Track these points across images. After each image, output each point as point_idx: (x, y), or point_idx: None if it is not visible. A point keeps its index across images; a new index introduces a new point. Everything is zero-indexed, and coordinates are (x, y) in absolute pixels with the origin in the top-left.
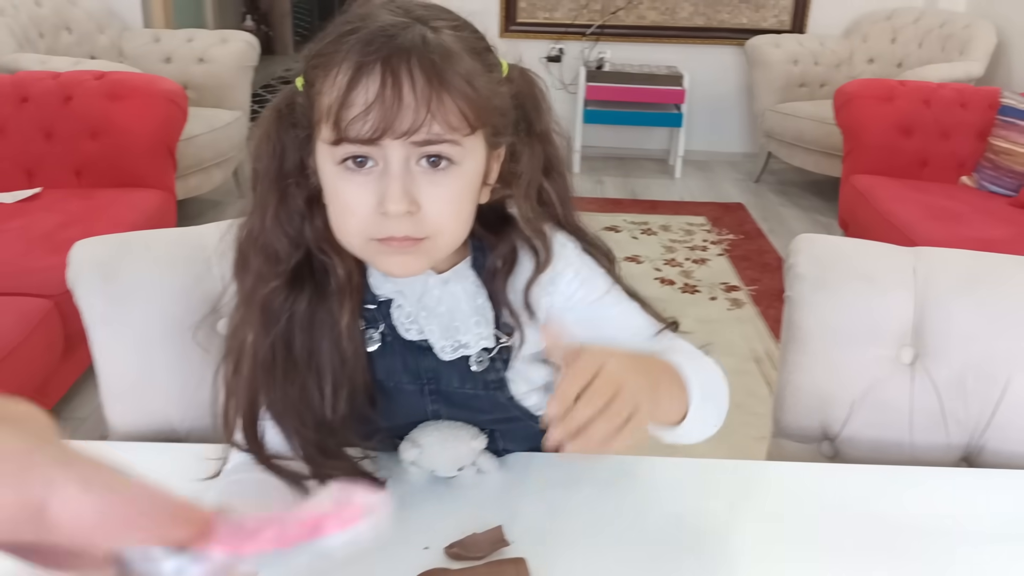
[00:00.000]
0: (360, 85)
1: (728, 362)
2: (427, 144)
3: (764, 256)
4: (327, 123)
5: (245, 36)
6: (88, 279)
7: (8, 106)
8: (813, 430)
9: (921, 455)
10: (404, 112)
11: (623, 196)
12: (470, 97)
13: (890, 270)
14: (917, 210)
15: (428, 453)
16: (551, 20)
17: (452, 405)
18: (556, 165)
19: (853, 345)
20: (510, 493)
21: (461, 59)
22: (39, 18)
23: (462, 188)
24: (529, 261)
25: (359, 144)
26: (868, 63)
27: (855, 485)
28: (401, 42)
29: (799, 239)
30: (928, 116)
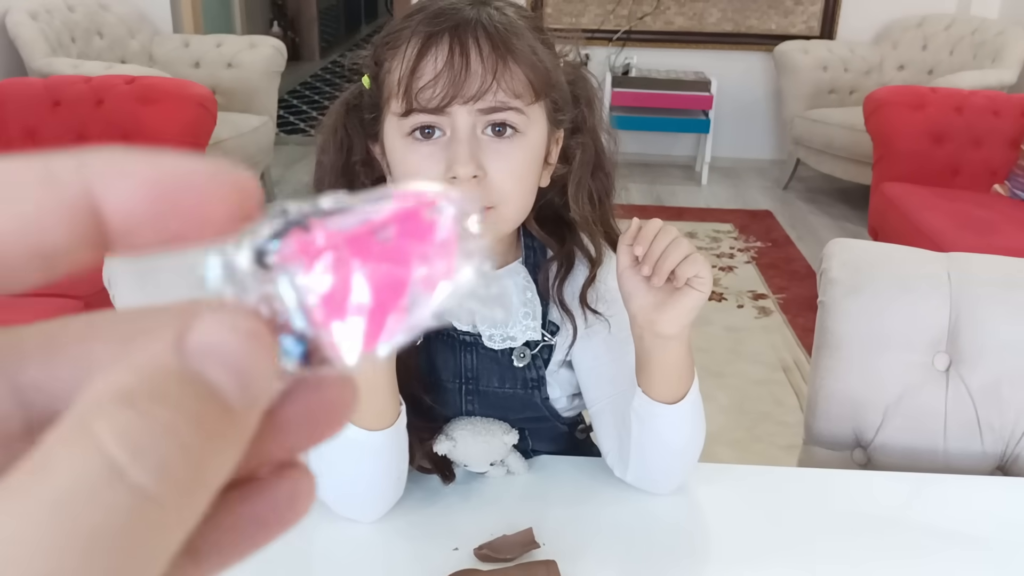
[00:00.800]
0: (429, 55)
1: (755, 371)
2: (493, 111)
3: (792, 264)
4: (397, 95)
5: (273, 42)
6: (124, 278)
7: (41, 110)
8: (845, 437)
9: (955, 463)
10: (471, 78)
11: (649, 203)
12: (534, 65)
13: (924, 275)
14: (948, 219)
15: (461, 446)
16: (577, 25)
17: (487, 404)
18: (603, 163)
19: (887, 351)
20: (540, 495)
21: (524, 32)
22: (72, 23)
23: (526, 157)
24: (584, 266)
25: (429, 112)
26: (898, 70)
27: (887, 493)
28: (466, 15)
29: (833, 243)
30: (960, 124)
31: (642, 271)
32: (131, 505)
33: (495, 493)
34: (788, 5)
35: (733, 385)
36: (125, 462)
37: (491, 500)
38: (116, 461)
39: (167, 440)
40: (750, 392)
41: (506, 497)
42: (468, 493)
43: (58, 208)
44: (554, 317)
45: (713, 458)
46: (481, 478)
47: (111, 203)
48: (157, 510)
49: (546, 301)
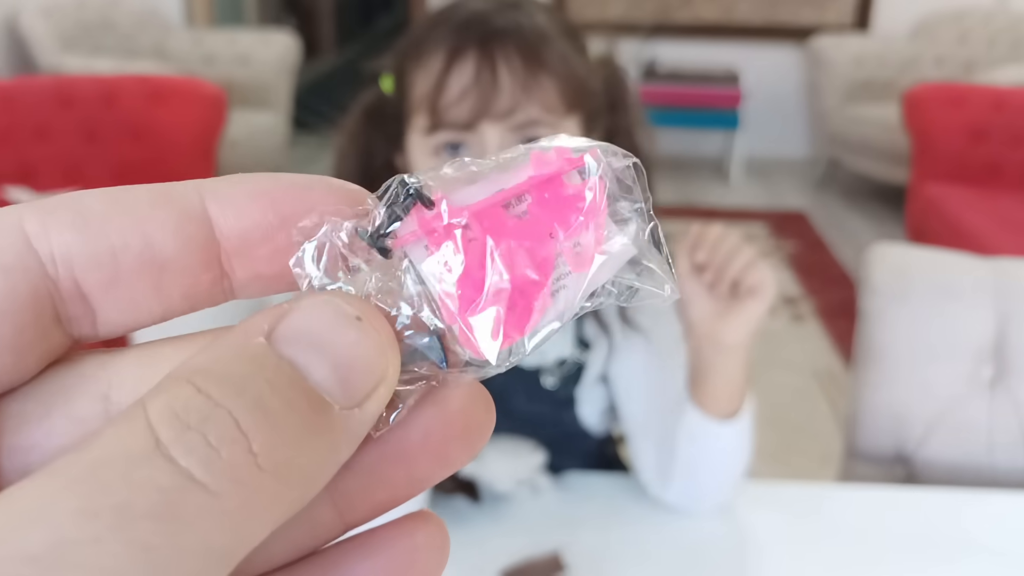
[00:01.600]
0: (456, 69)
1: (789, 380)
2: (524, 128)
3: (828, 268)
4: (422, 111)
5: (286, 37)
6: None
7: (51, 109)
8: (887, 451)
9: (1002, 478)
10: (501, 94)
11: (677, 203)
12: (567, 77)
13: (969, 282)
14: (991, 221)
15: (486, 466)
16: (602, 19)
17: (514, 423)
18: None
19: (930, 362)
20: (567, 515)
21: (556, 40)
22: (83, 20)
23: None
24: None
25: (456, 129)
26: (936, 65)
27: (931, 509)
28: (495, 25)
29: (874, 249)
30: (1000, 121)
31: (704, 277)
32: (172, 486)
33: (521, 513)
34: None
35: (766, 395)
36: (169, 439)
37: (516, 520)
38: (160, 437)
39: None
40: (784, 402)
41: (532, 517)
42: (493, 513)
43: (169, 219)
44: (587, 333)
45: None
46: (506, 497)
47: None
48: (207, 498)
49: (580, 319)
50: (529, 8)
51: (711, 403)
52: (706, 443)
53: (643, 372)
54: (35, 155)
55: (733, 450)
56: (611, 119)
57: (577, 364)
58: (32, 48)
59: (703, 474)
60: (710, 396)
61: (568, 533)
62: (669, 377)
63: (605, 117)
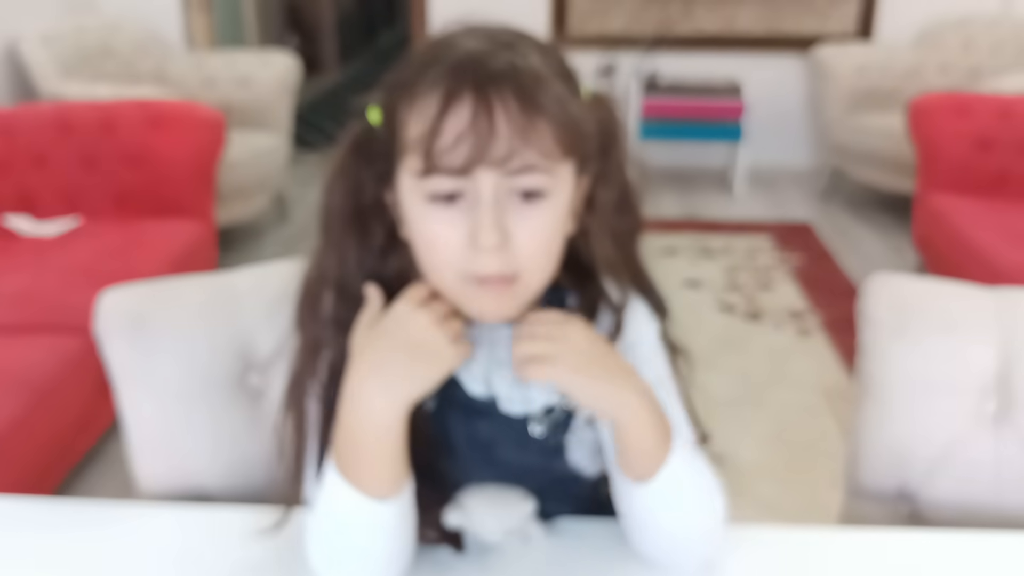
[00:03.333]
0: (451, 113)
1: (795, 397)
2: (520, 173)
3: (834, 280)
4: (415, 154)
5: (286, 56)
6: (116, 331)
7: (51, 136)
8: (890, 489)
9: (1011, 516)
10: (498, 140)
11: (681, 215)
12: (563, 122)
13: (971, 314)
14: (998, 233)
15: (474, 517)
16: (604, 32)
17: (503, 472)
18: (629, 199)
19: (933, 396)
20: (560, 564)
21: (552, 83)
22: (83, 46)
23: (553, 221)
24: (608, 317)
25: (451, 175)
26: (940, 73)
27: (937, 553)
28: (491, 68)
29: (873, 280)
30: (1007, 130)
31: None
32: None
33: (509, 562)
34: (822, 6)
35: (772, 413)
36: None
37: (504, 570)
38: None
39: None
40: (791, 421)
41: (521, 566)
42: (480, 564)
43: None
44: None
45: (752, 495)
46: (495, 548)
47: None
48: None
49: None
50: (524, 48)
51: (625, 467)
52: (631, 503)
53: None
54: (35, 182)
55: (662, 508)
56: (604, 159)
57: (565, 411)
58: (32, 75)
59: (645, 537)
60: (623, 460)
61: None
62: None
63: (598, 157)
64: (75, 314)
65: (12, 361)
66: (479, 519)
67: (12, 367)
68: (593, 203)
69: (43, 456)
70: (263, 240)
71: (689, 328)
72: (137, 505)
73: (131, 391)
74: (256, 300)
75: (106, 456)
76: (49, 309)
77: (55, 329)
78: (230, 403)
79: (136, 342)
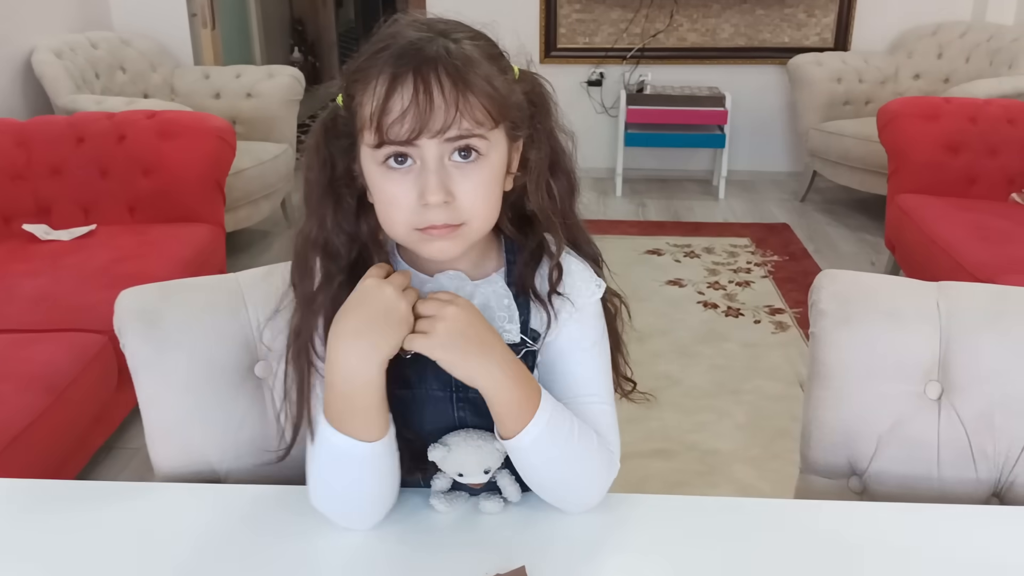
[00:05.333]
0: (396, 93)
1: (772, 387)
2: (458, 139)
3: (809, 278)
4: (369, 129)
5: (291, 71)
6: (133, 326)
7: (66, 147)
8: (841, 466)
9: (950, 491)
10: (436, 113)
11: (666, 218)
12: (491, 95)
13: (913, 306)
14: (965, 230)
15: (455, 453)
16: (591, 45)
17: (479, 414)
18: (561, 161)
19: (878, 381)
20: (535, 529)
21: (480, 63)
22: (95, 59)
23: (490, 177)
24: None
25: (399, 145)
26: (914, 79)
27: (883, 524)
28: (428, 53)
29: (822, 275)
30: (975, 133)
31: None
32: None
33: (488, 527)
34: (801, 18)
35: (750, 402)
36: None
37: (484, 535)
38: None
39: None
40: (767, 408)
41: (500, 531)
42: (461, 529)
43: None
44: (536, 324)
45: (730, 476)
46: (474, 513)
47: None
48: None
49: (527, 309)
50: (457, 35)
51: (498, 426)
52: (512, 458)
53: (559, 359)
54: (51, 191)
55: (525, 462)
56: (533, 125)
57: (531, 352)
58: (47, 89)
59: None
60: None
61: (536, 548)
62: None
63: (528, 123)
64: (92, 315)
65: (34, 360)
66: (459, 455)
67: (34, 365)
68: (527, 163)
69: (63, 447)
70: (269, 244)
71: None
72: (152, 486)
73: (147, 381)
74: (260, 297)
75: (120, 447)
76: (67, 311)
77: (73, 329)
78: (238, 391)
79: (151, 337)
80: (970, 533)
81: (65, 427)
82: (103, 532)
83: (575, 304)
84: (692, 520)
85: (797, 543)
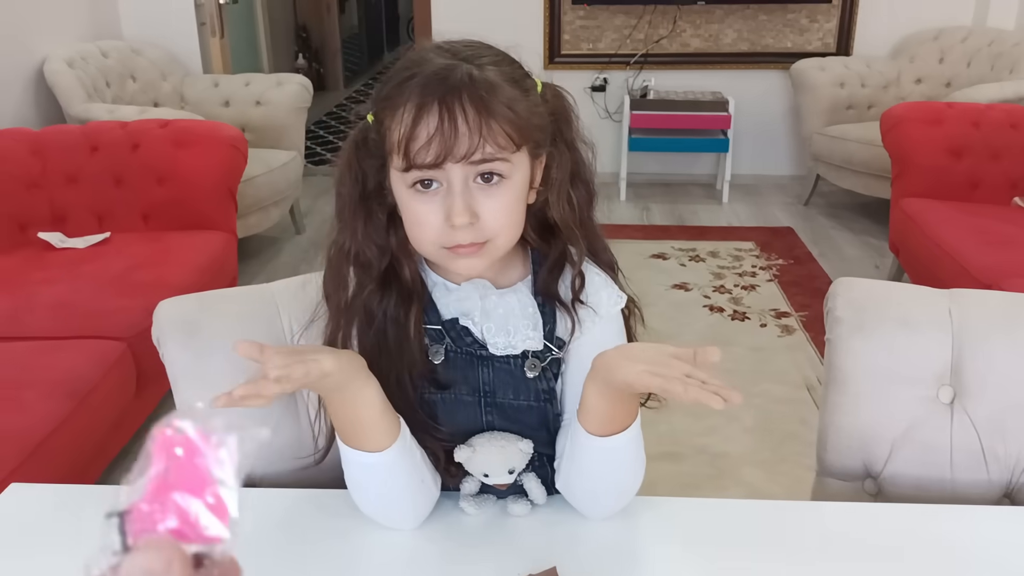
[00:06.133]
0: (422, 121)
1: (779, 390)
2: (482, 163)
3: (815, 281)
4: (398, 153)
5: (299, 79)
6: (172, 336)
7: (80, 155)
8: (856, 469)
9: (962, 492)
10: (460, 140)
11: (670, 223)
12: (513, 121)
13: (926, 313)
14: (969, 234)
15: (480, 453)
16: (595, 51)
17: (504, 417)
18: (581, 172)
19: (892, 386)
20: (563, 530)
21: (503, 89)
22: (106, 68)
23: (513, 197)
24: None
25: (425, 169)
26: (916, 84)
27: (897, 524)
28: (452, 82)
29: (837, 283)
30: (978, 138)
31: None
32: None
33: (518, 529)
34: (803, 23)
35: (758, 405)
36: None
37: (514, 537)
38: None
39: None
40: (775, 412)
41: (530, 533)
42: (490, 531)
43: None
44: (561, 332)
45: (739, 479)
46: (503, 515)
47: None
48: None
49: (552, 318)
50: (481, 60)
51: (586, 420)
52: (583, 454)
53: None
54: (66, 200)
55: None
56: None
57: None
58: (59, 98)
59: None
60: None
61: (566, 549)
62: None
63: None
64: (110, 322)
65: (56, 367)
66: (484, 455)
67: (56, 372)
68: (549, 177)
69: (85, 453)
70: (279, 251)
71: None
72: None
73: (185, 388)
74: (295, 307)
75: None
76: (86, 318)
77: (93, 337)
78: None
79: (189, 345)
80: (982, 533)
81: (87, 433)
82: None
83: (598, 312)
84: (716, 522)
85: (815, 544)
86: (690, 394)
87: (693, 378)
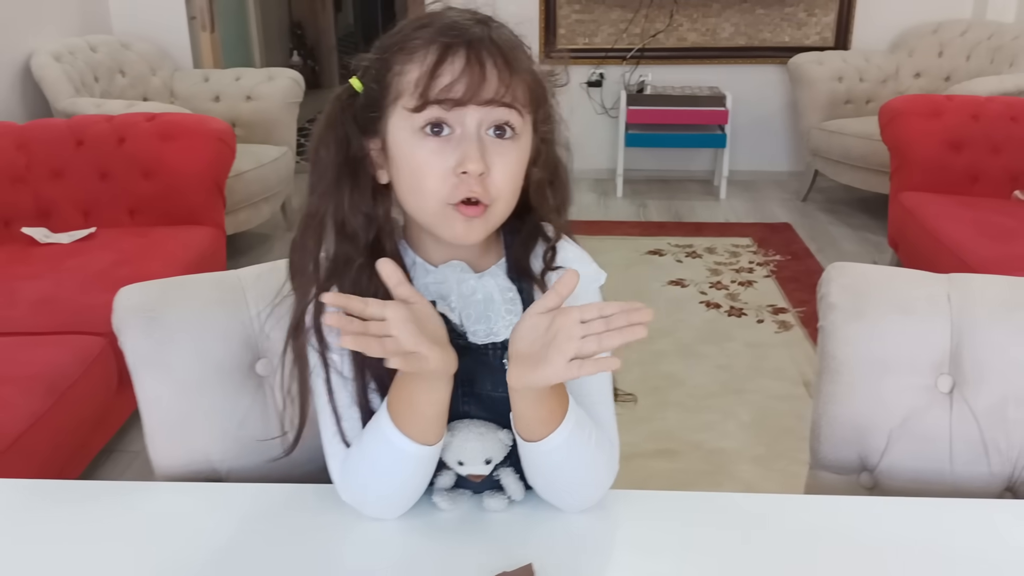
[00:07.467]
0: (447, 62)
1: (776, 386)
2: (502, 107)
3: (812, 277)
4: (412, 93)
5: (291, 73)
6: (132, 324)
7: (66, 149)
8: (851, 461)
9: (963, 485)
10: (487, 84)
11: (667, 219)
12: (530, 83)
13: (924, 298)
14: (968, 228)
15: (456, 439)
16: (591, 45)
17: (482, 407)
18: (560, 174)
19: (889, 374)
20: (540, 526)
21: (522, 50)
22: (95, 63)
23: (520, 158)
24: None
25: (447, 105)
26: (915, 78)
27: (894, 518)
28: (476, 32)
29: (831, 268)
30: (977, 131)
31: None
32: None
33: (494, 526)
34: (801, 17)
35: (754, 401)
36: None
37: (490, 534)
38: None
39: None
40: (771, 408)
41: (506, 530)
42: (466, 528)
43: None
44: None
45: (735, 476)
46: (478, 511)
47: None
48: None
49: (530, 300)
50: (495, 23)
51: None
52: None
53: None
54: (51, 194)
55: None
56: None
57: None
58: (46, 92)
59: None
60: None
61: (542, 545)
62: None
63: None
64: (92, 318)
65: (35, 362)
66: (462, 443)
67: (35, 367)
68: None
69: (64, 449)
70: (270, 247)
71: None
72: (153, 485)
73: (146, 379)
74: (262, 294)
75: (121, 450)
76: (68, 314)
77: (74, 332)
78: (238, 389)
79: (151, 334)
80: (983, 528)
81: (66, 429)
82: (104, 531)
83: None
84: (699, 516)
85: (806, 539)
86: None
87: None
